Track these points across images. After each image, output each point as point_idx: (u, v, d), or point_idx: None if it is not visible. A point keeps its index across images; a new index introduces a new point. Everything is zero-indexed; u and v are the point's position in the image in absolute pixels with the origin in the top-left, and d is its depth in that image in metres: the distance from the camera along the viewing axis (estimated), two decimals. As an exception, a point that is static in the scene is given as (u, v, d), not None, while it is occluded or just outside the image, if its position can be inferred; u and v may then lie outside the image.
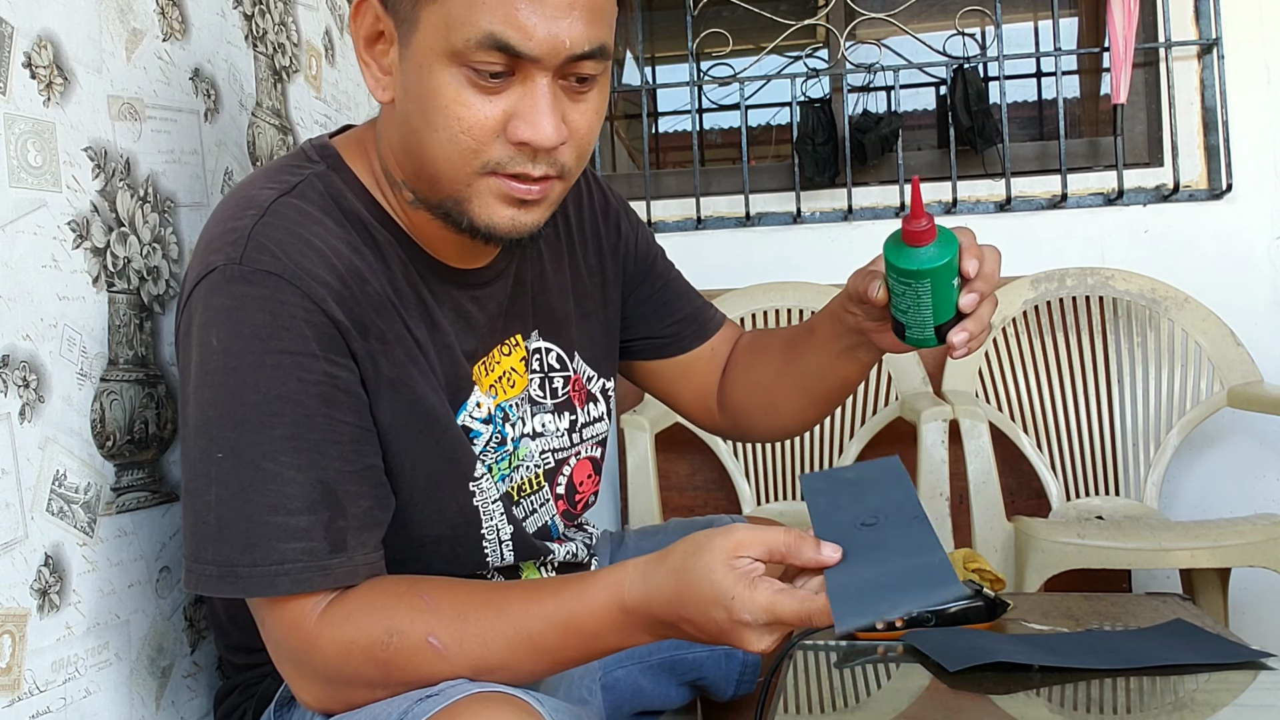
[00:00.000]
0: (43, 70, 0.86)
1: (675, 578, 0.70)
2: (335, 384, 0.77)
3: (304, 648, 0.75)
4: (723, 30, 2.42)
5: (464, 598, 0.74)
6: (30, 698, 0.80)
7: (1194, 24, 2.21)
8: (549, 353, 0.98)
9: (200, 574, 0.74)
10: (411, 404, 0.82)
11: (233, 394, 0.74)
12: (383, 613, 0.73)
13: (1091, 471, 2.08)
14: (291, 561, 0.73)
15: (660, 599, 0.71)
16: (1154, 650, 1.03)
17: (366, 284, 0.80)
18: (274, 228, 0.78)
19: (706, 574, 0.69)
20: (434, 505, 0.85)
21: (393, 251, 0.84)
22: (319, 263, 0.77)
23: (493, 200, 0.79)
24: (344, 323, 0.78)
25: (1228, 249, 2.18)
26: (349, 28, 0.83)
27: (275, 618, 0.75)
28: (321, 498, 0.74)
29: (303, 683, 0.77)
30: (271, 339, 0.74)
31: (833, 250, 2.31)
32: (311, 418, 0.75)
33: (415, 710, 0.70)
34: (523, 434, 0.94)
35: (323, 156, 0.86)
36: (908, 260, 0.81)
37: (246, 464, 0.73)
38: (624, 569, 0.73)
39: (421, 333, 0.84)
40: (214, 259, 0.77)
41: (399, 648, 0.72)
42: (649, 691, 1.12)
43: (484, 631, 0.73)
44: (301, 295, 0.75)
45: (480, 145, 0.76)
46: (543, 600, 0.74)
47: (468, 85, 0.75)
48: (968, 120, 2.25)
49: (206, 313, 0.76)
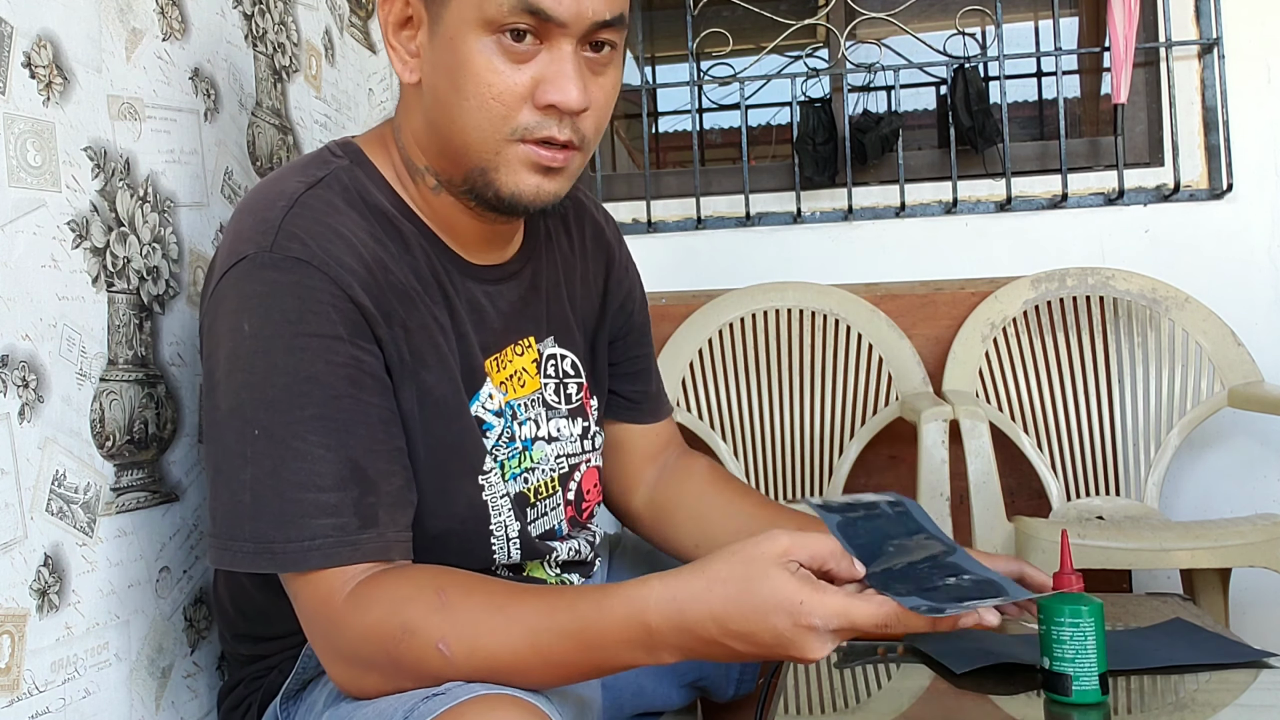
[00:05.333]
0: (42, 70, 0.86)
1: (724, 590, 0.68)
2: (361, 367, 0.79)
3: (331, 624, 0.76)
4: (723, 30, 2.41)
5: (480, 601, 0.74)
6: (30, 698, 0.80)
7: (1194, 24, 2.21)
8: (564, 359, 0.99)
9: (237, 551, 0.76)
10: (429, 391, 0.85)
11: (264, 376, 0.76)
12: (401, 606, 0.73)
13: (1092, 471, 2.08)
14: (323, 537, 0.74)
15: (699, 613, 0.69)
16: (1154, 650, 1.03)
17: (390, 273, 0.83)
18: (303, 217, 0.80)
19: (765, 580, 0.67)
20: (443, 498, 0.86)
21: (415, 242, 0.87)
22: (346, 251, 0.80)
23: (519, 167, 0.82)
24: (369, 309, 0.80)
25: (1228, 249, 2.18)
26: (378, 14, 0.86)
27: (307, 592, 0.76)
28: (351, 475, 0.76)
29: (329, 659, 0.78)
30: (300, 323, 0.77)
31: (833, 250, 2.31)
32: (339, 398, 0.77)
33: (421, 709, 0.70)
34: (536, 436, 0.95)
35: (346, 152, 0.89)
36: (1074, 601, 0.89)
37: (278, 443, 0.75)
38: (647, 584, 0.71)
39: (445, 319, 0.87)
40: (244, 248, 0.80)
41: (409, 646, 0.72)
42: (650, 691, 1.12)
43: (494, 642, 0.72)
44: (329, 281, 0.78)
45: (509, 111, 0.80)
46: (556, 612, 0.72)
47: (498, 53, 0.79)
48: (968, 120, 2.25)
49: (238, 299, 0.78)
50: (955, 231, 2.28)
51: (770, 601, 0.66)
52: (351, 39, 1.56)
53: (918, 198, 2.30)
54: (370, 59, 1.62)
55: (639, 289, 1.12)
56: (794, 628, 0.66)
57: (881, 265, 2.29)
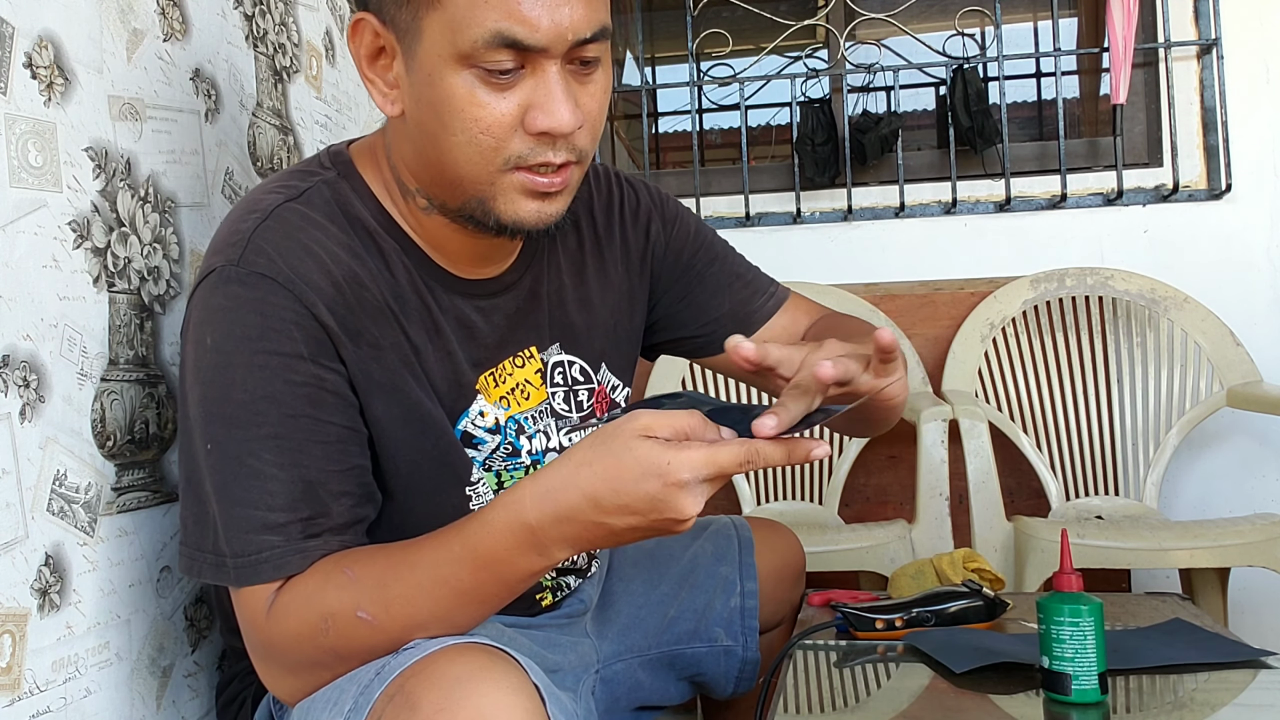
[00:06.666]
0: (43, 70, 0.86)
1: (590, 470, 0.69)
2: (323, 385, 0.78)
3: (263, 642, 0.77)
4: (723, 30, 2.42)
5: (383, 562, 0.75)
6: (30, 697, 0.80)
7: (1193, 24, 2.21)
8: (571, 365, 0.98)
9: (202, 562, 0.77)
10: (406, 409, 0.84)
11: (222, 392, 0.76)
12: (314, 599, 0.74)
13: (1091, 471, 2.08)
14: (269, 550, 0.75)
15: (573, 497, 0.69)
16: (1153, 650, 1.03)
17: (365, 290, 0.82)
18: (274, 232, 0.79)
19: (628, 452, 0.68)
20: (429, 507, 0.86)
21: (398, 259, 0.86)
22: (315, 268, 0.79)
23: (517, 196, 0.80)
24: (334, 328, 0.79)
25: (1227, 249, 2.18)
26: (348, 46, 0.84)
27: (242, 613, 0.78)
28: (303, 495, 0.76)
29: (273, 677, 0.78)
30: (261, 340, 0.76)
31: (832, 250, 2.31)
32: (296, 418, 0.76)
33: (391, 664, 0.71)
34: (548, 449, 0.94)
35: (335, 163, 0.88)
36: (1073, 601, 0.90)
37: (232, 460, 0.75)
38: (519, 486, 0.72)
39: (421, 339, 0.86)
40: (215, 260, 0.79)
41: (337, 631, 0.73)
42: (648, 685, 1.12)
43: (404, 591, 0.73)
44: (293, 299, 0.77)
45: (500, 142, 0.77)
46: (449, 543, 0.73)
47: (480, 85, 0.76)
48: (967, 120, 2.25)
49: (203, 312, 0.78)
50: (954, 231, 2.28)
51: (637, 469, 0.67)
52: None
53: (917, 198, 2.30)
54: (370, 59, 1.63)
55: (680, 228, 1.06)
56: (665, 488, 0.67)
57: (881, 265, 2.29)
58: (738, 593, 1.14)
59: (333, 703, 0.73)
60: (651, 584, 1.14)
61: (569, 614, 1.05)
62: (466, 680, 0.66)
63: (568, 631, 1.05)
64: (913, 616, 1.15)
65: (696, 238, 1.08)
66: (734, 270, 1.09)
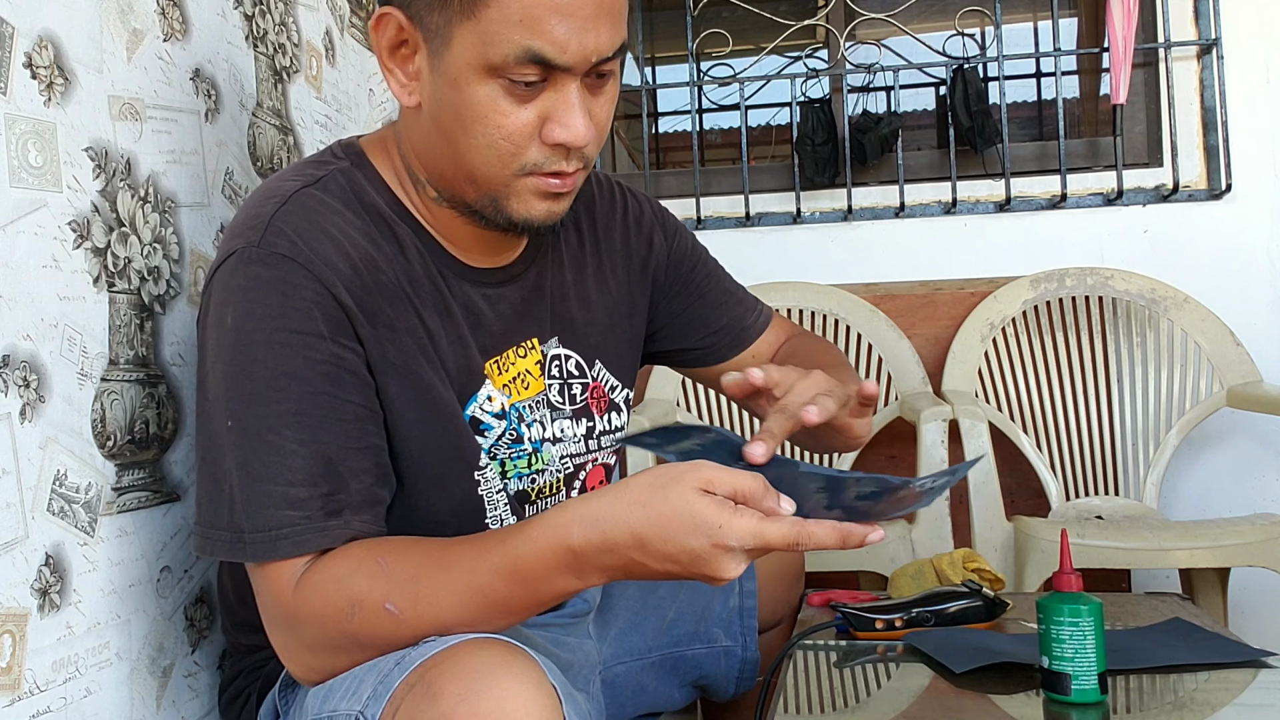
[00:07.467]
0: (43, 70, 0.86)
1: (644, 510, 0.70)
2: (341, 364, 0.80)
3: (287, 617, 0.77)
4: (723, 30, 2.42)
5: (417, 559, 0.75)
6: (30, 697, 0.81)
7: (1194, 24, 2.21)
8: (568, 359, 1.00)
9: (216, 540, 0.78)
10: (419, 391, 0.86)
11: (243, 369, 0.78)
12: (344, 583, 0.75)
13: (1091, 471, 2.08)
14: (290, 526, 0.76)
15: (620, 533, 0.70)
16: (1153, 649, 1.03)
17: (381, 273, 0.84)
18: (293, 215, 0.82)
19: (684, 504, 0.69)
20: (438, 490, 0.88)
21: (411, 244, 0.88)
22: (333, 250, 0.82)
23: (530, 197, 0.84)
24: (352, 308, 0.81)
25: (1227, 249, 2.18)
26: (369, 36, 0.85)
27: (263, 587, 0.78)
28: (323, 471, 0.77)
29: (291, 652, 0.79)
30: (282, 318, 0.78)
31: (832, 250, 2.31)
32: (316, 395, 0.78)
33: (411, 654, 0.72)
34: (544, 438, 0.95)
35: (348, 154, 0.90)
36: (1073, 601, 0.91)
37: (253, 436, 0.77)
38: (567, 508, 0.73)
39: (435, 323, 0.88)
40: (235, 243, 0.82)
41: (362, 618, 0.74)
42: (651, 690, 1.12)
43: (436, 591, 0.73)
44: (312, 279, 0.80)
45: (518, 149, 0.81)
46: (489, 551, 0.74)
47: (504, 94, 0.79)
48: (967, 120, 2.25)
49: (224, 293, 0.80)
50: (954, 232, 2.28)
51: (691, 524, 0.69)
52: (352, 40, 1.56)
53: (917, 198, 2.30)
54: (371, 59, 1.63)
55: (680, 242, 1.11)
56: (711, 548, 0.69)
57: (881, 265, 2.29)
58: (736, 592, 1.14)
59: (352, 690, 0.74)
60: (649, 587, 1.14)
61: (573, 613, 1.06)
62: (488, 673, 0.67)
63: (572, 632, 1.05)
64: (912, 616, 1.15)
65: (694, 253, 1.13)
66: (727, 288, 1.14)
